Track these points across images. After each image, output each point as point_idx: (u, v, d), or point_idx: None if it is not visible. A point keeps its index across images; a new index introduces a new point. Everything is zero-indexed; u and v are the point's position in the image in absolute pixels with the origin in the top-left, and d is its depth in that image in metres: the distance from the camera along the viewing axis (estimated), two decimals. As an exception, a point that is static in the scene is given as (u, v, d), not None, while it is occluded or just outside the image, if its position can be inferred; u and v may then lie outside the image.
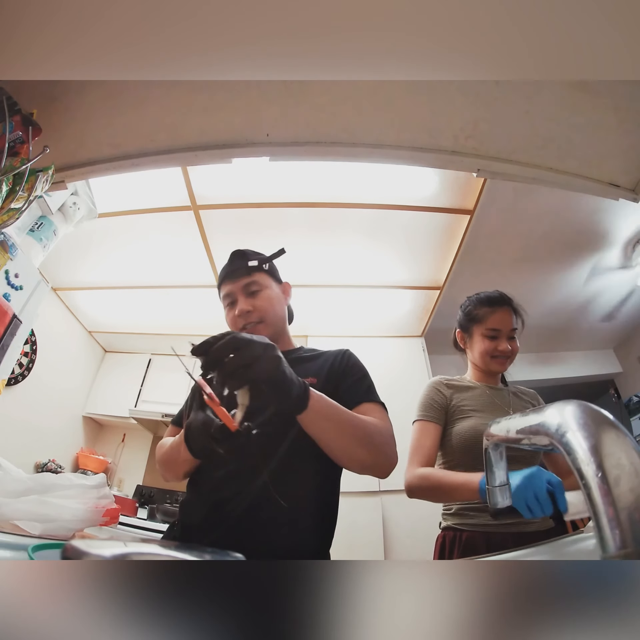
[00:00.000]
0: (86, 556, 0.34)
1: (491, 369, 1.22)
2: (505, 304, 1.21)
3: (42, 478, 0.69)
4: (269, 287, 0.95)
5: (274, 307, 0.94)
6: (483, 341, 1.21)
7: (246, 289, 0.93)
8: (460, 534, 1.08)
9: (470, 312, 1.26)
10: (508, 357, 1.20)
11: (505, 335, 1.19)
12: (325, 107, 1.29)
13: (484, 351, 1.20)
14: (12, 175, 1.09)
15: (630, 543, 0.24)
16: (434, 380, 1.26)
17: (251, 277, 0.94)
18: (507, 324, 1.19)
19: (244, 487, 0.74)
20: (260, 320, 0.91)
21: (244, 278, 0.94)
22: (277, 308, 0.95)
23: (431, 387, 1.23)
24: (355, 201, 2.20)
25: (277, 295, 0.97)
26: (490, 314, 1.20)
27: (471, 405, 1.17)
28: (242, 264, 0.96)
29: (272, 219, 2.31)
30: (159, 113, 1.30)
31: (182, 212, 2.26)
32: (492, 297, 1.24)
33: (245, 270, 0.95)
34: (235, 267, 0.96)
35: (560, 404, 0.33)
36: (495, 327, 1.19)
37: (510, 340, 1.20)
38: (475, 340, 1.24)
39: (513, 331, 1.20)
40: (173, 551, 0.44)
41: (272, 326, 0.93)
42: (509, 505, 0.55)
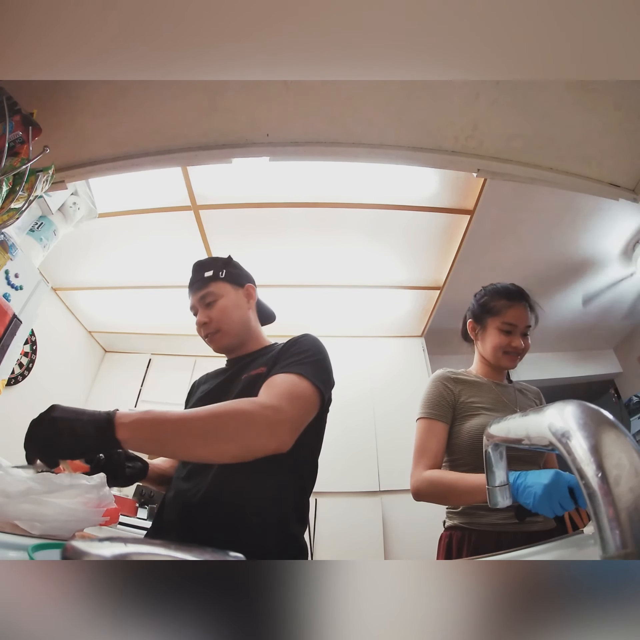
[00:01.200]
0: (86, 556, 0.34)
1: (501, 364, 1.18)
2: (523, 299, 1.17)
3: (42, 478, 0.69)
4: (224, 296, 0.98)
5: (230, 316, 0.97)
6: (497, 335, 1.17)
7: (202, 300, 0.98)
8: (469, 533, 1.05)
9: (487, 304, 1.21)
10: (519, 354, 1.17)
11: (520, 331, 1.16)
12: (325, 107, 1.29)
13: (497, 345, 1.16)
14: (12, 175, 1.09)
15: (630, 543, 0.24)
16: (441, 374, 1.20)
17: (207, 288, 0.98)
18: (524, 320, 1.15)
19: (199, 480, 0.79)
20: (216, 330, 0.96)
21: (200, 290, 0.98)
22: (233, 316, 0.98)
23: (438, 381, 1.18)
24: (355, 201, 2.20)
25: (234, 302, 0.99)
26: (508, 308, 1.16)
27: (480, 402, 1.13)
28: (199, 276, 1.00)
29: (272, 219, 2.31)
30: (159, 113, 1.30)
31: (182, 212, 2.26)
32: (510, 291, 1.19)
33: (201, 283, 0.99)
34: (194, 279, 1.02)
35: (560, 404, 0.33)
36: (511, 321, 1.15)
37: (523, 336, 1.16)
38: (488, 334, 1.20)
39: (527, 328, 1.16)
40: (173, 551, 0.44)
41: (229, 334, 0.97)
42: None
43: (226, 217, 2.30)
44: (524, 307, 1.16)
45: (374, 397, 2.97)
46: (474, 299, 1.29)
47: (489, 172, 1.41)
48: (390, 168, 1.94)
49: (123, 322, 3.32)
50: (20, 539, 0.59)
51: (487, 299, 1.22)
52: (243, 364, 0.95)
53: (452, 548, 1.07)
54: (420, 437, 1.12)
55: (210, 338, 0.98)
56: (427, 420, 1.13)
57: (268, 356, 0.91)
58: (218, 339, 0.97)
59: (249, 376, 0.88)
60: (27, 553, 0.49)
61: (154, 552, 0.43)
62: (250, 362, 0.94)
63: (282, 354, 0.87)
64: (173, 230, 2.40)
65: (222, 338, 0.97)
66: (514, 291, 1.19)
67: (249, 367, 0.92)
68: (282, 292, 2.83)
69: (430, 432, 1.11)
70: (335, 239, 2.46)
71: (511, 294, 1.18)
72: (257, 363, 0.91)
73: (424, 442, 1.10)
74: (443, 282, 2.77)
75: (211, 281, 0.99)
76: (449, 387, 1.16)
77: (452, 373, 1.20)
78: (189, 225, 2.34)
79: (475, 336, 1.25)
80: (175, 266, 2.69)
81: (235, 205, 2.23)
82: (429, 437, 1.10)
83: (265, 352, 0.96)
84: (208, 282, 0.99)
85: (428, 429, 1.12)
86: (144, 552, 0.42)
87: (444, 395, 1.14)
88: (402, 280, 2.80)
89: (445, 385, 1.16)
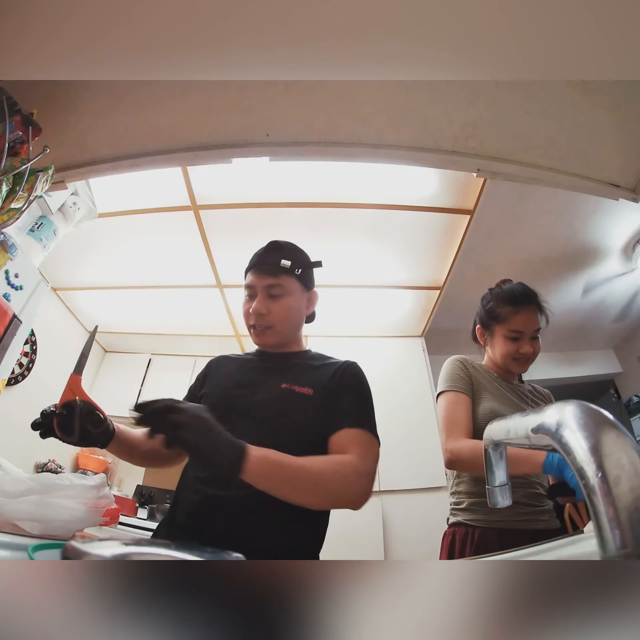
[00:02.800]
0: (86, 556, 0.34)
1: (511, 369, 1.17)
2: (530, 302, 1.13)
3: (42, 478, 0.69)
4: (292, 295, 0.90)
5: (290, 317, 0.91)
6: (505, 343, 1.14)
7: (268, 289, 0.89)
8: (473, 530, 1.04)
9: (493, 310, 1.18)
10: (529, 359, 1.14)
11: (528, 336, 1.13)
12: (325, 107, 1.29)
13: (505, 353, 1.14)
14: (12, 175, 1.09)
15: (630, 543, 0.24)
16: (457, 357, 1.20)
17: (278, 278, 0.89)
18: (532, 324, 1.12)
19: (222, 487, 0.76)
20: (270, 325, 0.89)
21: (270, 277, 0.89)
22: (293, 318, 0.92)
23: (455, 362, 1.18)
24: (355, 201, 2.20)
25: (298, 305, 0.92)
26: (514, 315, 1.13)
27: (490, 391, 1.14)
28: (274, 260, 0.90)
29: (272, 219, 2.31)
30: (159, 113, 1.30)
31: (182, 212, 2.26)
32: (516, 295, 1.15)
33: (273, 269, 0.89)
34: (266, 260, 0.91)
35: (560, 404, 0.33)
36: (518, 329, 1.12)
37: (533, 340, 1.13)
38: (496, 341, 1.17)
39: (537, 331, 1.13)
40: (173, 551, 0.44)
41: (280, 334, 0.91)
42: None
43: (226, 217, 2.30)
44: (532, 310, 1.13)
45: (374, 397, 2.98)
46: (480, 304, 1.26)
47: (489, 172, 1.41)
48: (390, 168, 1.94)
49: (123, 322, 3.32)
50: (20, 539, 0.59)
51: (493, 305, 1.19)
52: (280, 367, 0.91)
53: (455, 545, 1.06)
54: (448, 408, 1.11)
55: (260, 331, 0.90)
56: (452, 393, 1.12)
57: (313, 374, 0.87)
58: (268, 335, 0.90)
59: (292, 391, 0.84)
60: (27, 553, 0.49)
61: (154, 552, 0.43)
62: (288, 366, 0.91)
63: (339, 387, 0.85)
64: (173, 230, 2.40)
65: (272, 336, 0.90)
66: (519, 295, 1.15)
67: (287, 374, 0.88)
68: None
69: (458, 404, 1.10)
70: (335, 239, 2.46)
71: (516, 299, 1.14)
72: (299, 376, 0.87)
73: (453, 413, 1.09)
74: (443, 282, 2.77)
75: (285, 273, 0.89)
76: (466, 367, 1.17)
77: (467, 359, 1.21)
78: (189, 225, 2.34)
79: (485, 342, 1.24)
80: (175, 266, 2.69)
81: (235, 205, 2.23)
82: (458, 407, 1.09)
83: (303, 361, 0.92)
84: (281, 273, 0.89)
85: (455, 400, 1.11)
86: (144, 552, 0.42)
87: (464, 373, 1.15)
88: (402, 280, 2.80)
89: (463, 364, 1.18)
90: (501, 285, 1.24)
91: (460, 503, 1.12)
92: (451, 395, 1.12)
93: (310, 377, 0.86)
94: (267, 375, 0.89)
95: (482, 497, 1.06)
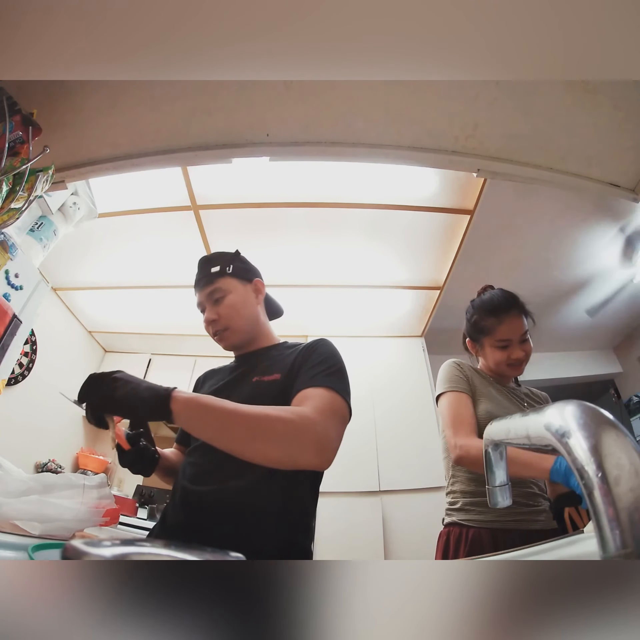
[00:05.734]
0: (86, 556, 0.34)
1: (507, 374, 1.18)
2: (511, 308, 1.13)
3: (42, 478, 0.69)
4: (232, 292, 0.95)
5: (239, 312, 0.95)
6: (495, 352, 1.15)
7: (210, 297, 0.95)
8: (467, 530, 1.05)
9: (477, 324, 1.19)
10: (523, 361, 1.15)
11: (517, 341, 1.13)
12: (325, 107, 1.29)
13: (497, 362, 1.16)
14: (12, 175, 1.09)
15: (630, 543, 0.23)
16: (454, 360, 1.21)
17: (214, 284, 0.95)
18: (517, 330, 1.12)
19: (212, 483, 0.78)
20: (225, 327, 0.94)
21: (208, 286, 0.95)
22: (243, 312, 0.95)
23: (453, 365, 1.20)
24: (355, 201, 2.20)
25: (243, 298, 0.96)
26: (498, 325, 1.13)
27: (485, 394, 1.15)
28: (206, 272, 0.97)
29: (272, 219, 2.31)
30: (159, 113, 1.30)
31: (182, 212, 2.26)
32: (496, 305, 1.15)
33: (208, 279, 0.96)
34: (200, 275, 0.98)
35: (560, 404, 0.33)
36: (505, 337, 1.13)
37: (522, 343, 1.14)
38: (487, 351, 1.19)
39: (524, 334, 1.13)
40: (173, 551, 0.44)
41: (238, 331, 0.95)
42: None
43: (226, 217, 2.30)
44: (514, 316, 1.13)
45: (374, 397, 2.96)
46: (465, 317, 1.27)
47: (489, 172, 1.41)
48: (390, 168, 1.94)
49: (123, 322, 3.32)
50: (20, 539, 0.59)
51: (477, 318, 1.20)
52: (253, 362, 0.94)
53: (450, 545, 1.06)
54: (453, 407, 1.11)
55: (220, 336, 0.95)
56: (454, 393, 1.13)
57: (281, 361, 0.89)
58: (228, 337, 0.94)
59: (261, 381, 0.86)
60: (27, 553, 0.49)
61: (154, 552, 0.43)
62: (260, 360, 0.93)
63: (302, 361, 0.84)
64: (173, 230, 2.40)
65: (232, 335, 0.94)
66: (499, 304, 1.15)
67: (259, 367, 0.90)
68: (282, 292, 2.82)
69: (462, 402, 1.11)
70: (335, 239, 2.46)
71: (497, 309, 1.15)
72: (268, 366, 0.89)
73: (458, 411, 1.09)
74: (443, 282, 2.77)
75: (218, 277, 0.96)
76: (463, 369, 1.18)
77: (461, 362, 1.22)
78: (189, 225, 2.34)
79: (476, 352, 1.25)
80: (175, 266, 2.69)
81: (235, 205, 2.23)
82: (462, 406, 1.10)
83: (276, 352, 0.94)
84: (215, 278, 0.95)
85: (458, 399, 1.12)
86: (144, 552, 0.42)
87: (462, 374, 1.17)
88: (402, 280, 2.80)
89: (460, 367, 1.19)
90: (481, 295, 1.24)
91: (454, 503, 1.12)
92: (453, 394, 1.13)
93: (279, 364, 0.88)
94: (242, 374, 0.92)
95: (476, 497, 1.07)
